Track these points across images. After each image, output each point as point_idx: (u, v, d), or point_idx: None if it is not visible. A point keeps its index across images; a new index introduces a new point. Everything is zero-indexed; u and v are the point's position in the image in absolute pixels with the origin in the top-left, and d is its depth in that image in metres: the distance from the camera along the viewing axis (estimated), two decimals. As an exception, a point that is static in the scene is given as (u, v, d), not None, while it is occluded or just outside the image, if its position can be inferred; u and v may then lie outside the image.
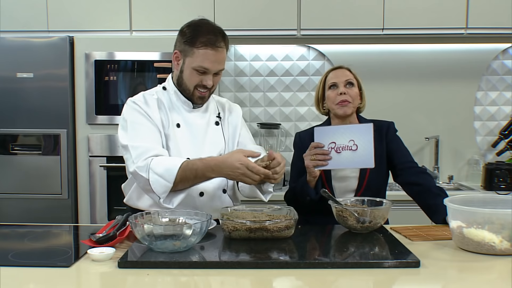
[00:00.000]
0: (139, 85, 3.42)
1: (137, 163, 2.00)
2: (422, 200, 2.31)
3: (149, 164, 1.98)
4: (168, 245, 1.69)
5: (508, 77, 3.99)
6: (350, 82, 2.42)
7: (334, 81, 2.43)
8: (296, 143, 2.57)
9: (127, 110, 2.14)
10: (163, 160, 2.00)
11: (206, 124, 2.21)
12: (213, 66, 2.07)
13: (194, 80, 2.09)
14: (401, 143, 2.48)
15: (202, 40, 2.04)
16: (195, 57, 2.06)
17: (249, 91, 4.05)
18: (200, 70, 2.06)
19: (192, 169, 1.97)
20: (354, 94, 2.41)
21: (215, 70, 2.09)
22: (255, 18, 3.59)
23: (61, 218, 3.39)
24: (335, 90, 2.42)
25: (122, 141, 2.10)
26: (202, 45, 2.04)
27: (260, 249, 1.74)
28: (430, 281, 1.55)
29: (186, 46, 2.08)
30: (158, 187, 1.97)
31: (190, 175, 1.96)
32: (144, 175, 1.98)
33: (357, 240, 1.89)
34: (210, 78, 2.09)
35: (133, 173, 2.02)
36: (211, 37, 2.05)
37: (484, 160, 3.95)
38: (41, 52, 3.39)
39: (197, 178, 1.98)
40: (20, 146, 3.43)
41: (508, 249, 1.71)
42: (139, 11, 3.60)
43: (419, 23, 3.58)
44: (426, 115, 4.03)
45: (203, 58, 2.05)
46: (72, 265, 1.64)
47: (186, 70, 2.10)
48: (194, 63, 2.06)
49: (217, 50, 2.06)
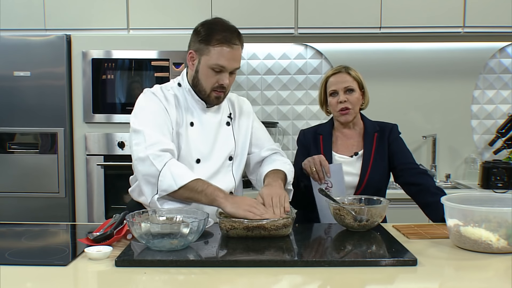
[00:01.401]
0: (136, 84, 3.42)
1: (152, 151, 1.97)
2: (420, 199, 2.32)
3: (167, 159, 1.96)
4: (165, 243, 1.69)
5: (505, 76, 4.00)
6: (350, 88, 2.42)
7: (334, 89, 2.44)
8: (300, 140, 2.60)
9: (146, 99, 2.12)
10: (182, 165, 2.00)
11: (218, 123, 2.20)
12: (230, 64, 2.05)
13: (210, 80, 2.07)
14: (403, 145, 2.50)
15: (218, 37, 2.02)
16: (211, 55, 2.03)
17: (247, 90, 4.05)
18: (217, 68, 2.04)
19: (205, 184, 1.96)
20: (354, 99, 2.42)
21: (231, 68, 2.07)
22: (252, 16, 3.59)
23: (58, 217, 3.39)
24: (336, 97, 2.43)
25: (135, 126, 2.05)
26: (218, 43, 2.02)
27: (258, 247, 1.75)
28: (427, 279, 1.55)
29: (201, 45, 2.05)
30: (164, 184, 1.94)
31: (198, 188, 1.94)
32: (156, 165, 1.95)
33: (354, 239, 1.89)
34: (226, 76, 2.06)
35: (144, 158, 1.97)
36: (226, 34, 2.03)
37: (481, 159, 3.96)
38: (38, 51, 3.38)
39: (202, 195, 1.94)
40: (17, 145, 3.43)
41: (505, 247, 1.72)
42: (136, 9, 3.59)
43: (416, 22, 3.59)
44: (423, 113, 4.04)
45: (219, 56, 2.02)
46: (69, 264, 1.64)
47: (202, 69, 2.07)
48: (210, 61, 2.04)
49: (233, 47, 2.04)
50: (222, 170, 2.17)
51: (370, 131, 2.48)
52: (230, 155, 2.20)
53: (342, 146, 2.48)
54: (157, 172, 1.95)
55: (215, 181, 2.04)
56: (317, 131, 2.55)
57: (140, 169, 2.00)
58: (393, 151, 2.46)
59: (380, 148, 2.45)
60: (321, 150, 2.46)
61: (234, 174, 2.21)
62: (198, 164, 2.11)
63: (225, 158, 2.18)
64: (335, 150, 2.47)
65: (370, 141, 2.45)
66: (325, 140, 2.49)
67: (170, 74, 3.34)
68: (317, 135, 2.53)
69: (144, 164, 1.98)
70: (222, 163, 2.17)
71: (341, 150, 2.47)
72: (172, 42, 3.33)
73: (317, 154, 2.41)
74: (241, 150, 2.24)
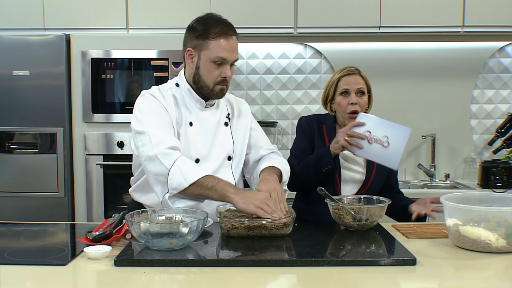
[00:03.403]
0: (135, 83, 3.42)
1: (159, 149, 1.97)
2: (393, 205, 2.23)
3: (176, 157, 1.96)
4: (164, 243, 1.69)
5: (504, 75, 4.00)
6: (362, 90, 2.42)
7: (347, 88, 2.42)
8: (303, 127, 2.54)
9: (144, 100, 2.13)
10: (191, 162, 2.01)
11: (216, 123, 2.20)
12: (230, 55, 2.07)
13: (213, 74, 2.08)
14: None
15: (215, 31, 2.05)
16: (211, 49, 2.05)
17: (246, 89, 4.05)
18: (218, 61, 2.06)
19: (215, 179, 1.96)
20: (364, 103, 2.42)
21: (232, 59, 2.09)
22: (251, 16, 3.59)
23: (57, 216, 3.39)
24: (347, 97, 2.42)
25: (137, 128, 2.05)
26: (216, 36, 2.05)
27: (258, 247, 1.75)
28: (426, 278, 1.55)
29: (199, 41, 2.07)
30: (174, 182, 1.94)
31: (209, 184, 1.94)
32: (165, 163, 1.95)
33: (354, 238, 1.89)
34: (228, 68, 2.09)
35: (153, 157, 1.97)
36: (223, 27, 2.07)
37: (481, 158, 3.96)
38: (38, 50, 3.38)
39: (212, 191, 1.94)
40: (17, 144, 3.43)
41: (504, 246, 1.72)
42: (135, 8, 3.59)
43: (415, 22, 3.58)
44: (423, 113, 4.03)
45: (219, 48, 2.05)
46: (69, 263, 1.64)
47: (203, 64, 2.08)
48: (211, 55, 2.05)
49: (230, 38, 2.07)
50: (221, 170, 2.17)
51: None
52: (229, 155, 2.20)
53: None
54: (167, 170, 1.95)
55: None
56: (319, 119, 2.54)
57: (150, 169, 2.00)
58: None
59: None
60: (326, 141, 2.44)
61: (233, 173, 2.21)
62: (197, 164, 2.11)
63: (224, 158, 2.18)
64: None
65: None
66: (329, 132, 2.47)
67: (169, 74, 3.34)
68: (320, 124, 2.51)
69: (153, 164, 1.98)
70: (221, 163, 2.17)
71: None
72: (171, 41, 3.33)
73: (321, 143, 2.43)
74: (239, 150, 2.25)
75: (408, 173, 4.00)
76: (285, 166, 2.25)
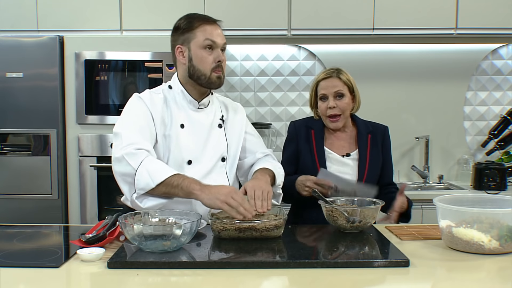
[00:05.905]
0: (129, 85, 3.41)
1: (127, 150, 1.96)
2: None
3: (143, 157, 1.95)
4: (158, 245, 1.69)
5: (497, 77, 4.02)
6: (340, 93, 2.43)
7: (324, 92, 2.44)
8: (290, 132, 2.57)
9: (131, 103, 2.14)
10: (158, 161, 2.00)
11: (210, 125, 2.20)
12: (218, 38, 2.11)
13: (207, 61, 2.10)
14: (390, 156, 2.56)
15: (199, 21, 2.12)
16: (198, 36, 2.10)
17: (240, 91, 4.05)
18: (208, 45, 2.09)
19: (180, 177, 1.94)
20: (344, 105, 2.43)
21: (221, 43, 2.12)
22: (245, 18, 3.59)
23: (51, 219, 3.37)
24: (325, 102, 2.44)
25: (115, 129, 2.07)
26: (200, 24, 2.11)
27: (250, 249, 1.75)
28: (419, 280, 1.55)
29: (185, 35, 2.11)
30: (141, 182, 1.93)
31: (174, 183, 1.92)
32: (132, 164, 1.94)
33: (347, 240, 1.89)
34: (220, 52, 2.12)
35: (119, 158, 1.97)
36: (205, 17, 2.16)
37: (474, 160, 3.97)
38: (31, 52, 3.37)
39: (178, 189, 1.92)
40: (10, 146, 3.41)
41: (497, 248, 1.72)
42: (129, 10, 3.58)
43: (409, 24, 3.60)
44: (416, 115, 4.05)
45: (207, 33, 2.10)
46: (62, 266, 1.64)
47: (195, 54, 2.10)
48: (200, 40, 2.09)
49: (214, 24, 2.14)
50: (215, 171, 2.16)
51: (363, 132, 2.49)
52: (222, 156, 2.20)
53: (333, 145, 2.48)
54: (133, 171, 1.94)
55: (208, 181, 2.03)
56: (308, 123, 2.54)
57: (117, 169, 2.00)
58: (382, 161, 2.51)
59: (374, 149, 2.47)
60: (314, 145, 2.46)
61: (228, 175, 2.21)
62: (190, 166, 2.11)
63: (218, 159, 2.18)
64: (327, 147, 2.47)
65: (364, 142, 2.46)
66: (317, 136, 2.48)
67: (163, 75, 3.34)
68: (309, 128, 2.52)
69: (120, 164, 1.98)
70: (214, 164, 2.17)
71: (333, 148, 2.47)
72: (165, 43, 3.25)
73: (308, 147, 2.45)
74: (233, 152, 2.24)
75: (402, 174, 4.01)
76: (279, 170, 2.25)
